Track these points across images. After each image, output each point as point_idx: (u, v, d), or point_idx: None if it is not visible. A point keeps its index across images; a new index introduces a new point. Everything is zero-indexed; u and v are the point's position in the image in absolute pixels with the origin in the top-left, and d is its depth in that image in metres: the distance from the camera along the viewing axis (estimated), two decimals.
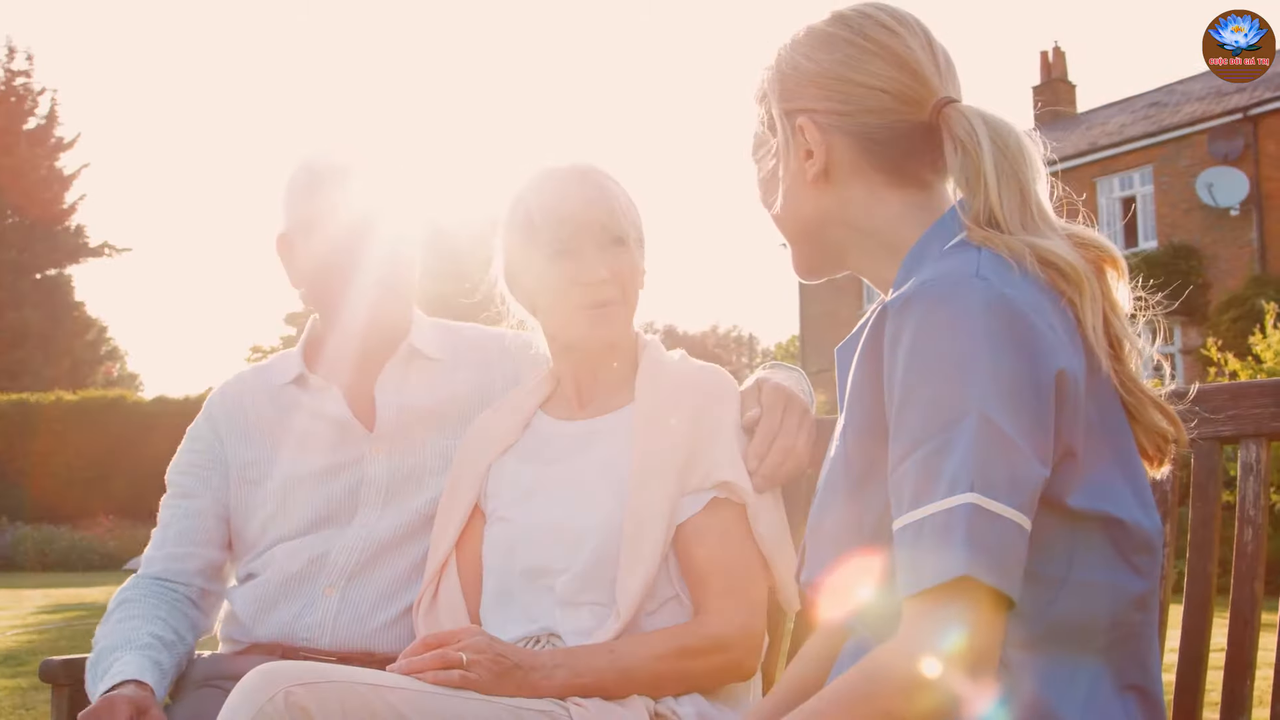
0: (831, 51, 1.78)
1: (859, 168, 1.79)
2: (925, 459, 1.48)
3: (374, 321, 2.70)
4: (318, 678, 1.90)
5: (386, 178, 2.75)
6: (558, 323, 2.43)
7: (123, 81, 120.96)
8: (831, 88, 1.77)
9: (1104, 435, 1.60)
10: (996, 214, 1.64)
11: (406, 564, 2.62)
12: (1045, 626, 1.56)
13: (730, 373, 2.48)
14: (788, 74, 1.82)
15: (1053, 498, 1.54)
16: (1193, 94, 29.38)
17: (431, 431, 2.70)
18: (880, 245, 1.80)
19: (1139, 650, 1.64)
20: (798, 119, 1.80)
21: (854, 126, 1.77)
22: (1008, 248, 1.60)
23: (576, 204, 2.36)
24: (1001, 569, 1.43)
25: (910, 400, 1.52)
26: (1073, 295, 1.60)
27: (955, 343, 1.50)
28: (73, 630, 11.25)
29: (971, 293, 1.52)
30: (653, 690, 2.18)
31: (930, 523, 1.46)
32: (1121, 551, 1.60)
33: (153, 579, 2.69)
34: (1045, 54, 36.23)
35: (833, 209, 1.82)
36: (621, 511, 2.28)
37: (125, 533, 25.49)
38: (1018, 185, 1.65)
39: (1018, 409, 1.48)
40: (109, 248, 43.24)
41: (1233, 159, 26.25)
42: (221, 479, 2.74)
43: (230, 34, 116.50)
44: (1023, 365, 1.49)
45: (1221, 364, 12.32)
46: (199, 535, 2.73)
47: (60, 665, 2.68)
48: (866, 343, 1.63)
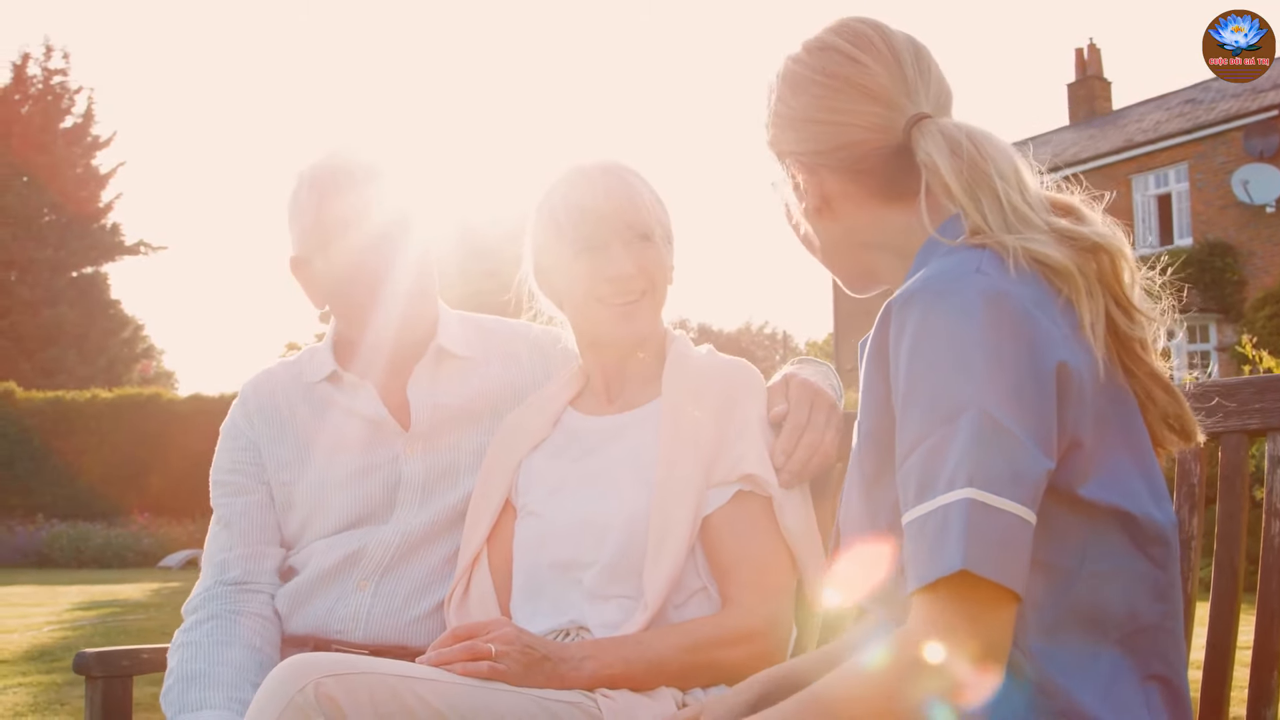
0: (800, 95, 1.83)
1: (853, 196, 1.83)
2: (927, 454, 1.51)
3: (402, 327, 2.68)
4: (347, 669, 1.92)
5: (394, 178, 2.67)
6: (584, 319, 2.45)
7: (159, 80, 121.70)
8: (806, 130, 1.82)
9: (1116, 429, 1.62)
10: (976, 222, 1.66)
11: (439, 559, 2.62)
12: (1062, 615, 1.58)
13: (762, 370, 2.49)
14: (771, 120, 1.88)
15: (1063, 488, 1.56)
16: (1228, 91, 29.18)
17: (465, 428, 2.71)
18: (896, 256, 1.84)
19: (1160, 641, 1.65)
20: (787, 160, 1.86)
21: (835, 162, 1.81)
22: (1003, 246, 1.62)
23: (601, 201, 2.38)
24: (1001, 563, 1.45)
25: (913, 396, 1.54)
26: (1068, 292, 1.61)
27: (955, 338, 1.52)
28: (107, 627, 11.32)
29: (971, 288, 1.55)
30: (680, 682, 2.19)
31: (932, 518, 1.48)
32: (1136, 542, 1.61)
33: (235, 586, 2.64)
34: (1080, 51, 36.10)
35: (842, 235, 1.88)
36: (648, 504, 2.29)
37: (160, 530, 25.67)
38: (989, 191, 1.67)
39: (1018, 402, 1.49)
40: (145, 246, 43.51)
41: (1268, 156, 26.07)
42: (265, 474, 2.72)
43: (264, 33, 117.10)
44: (1023, 359, 1.51)
45: (1257, 361, 12.23)
46: (266, 532, 2.70)
47: (94, 657, 2.69)
48: (873, 341, 1.66)
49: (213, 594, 2.62)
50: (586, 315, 2.43)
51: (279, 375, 2.82)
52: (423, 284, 2.70)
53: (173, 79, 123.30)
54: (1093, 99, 35.17)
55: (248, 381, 2.85)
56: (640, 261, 2.39)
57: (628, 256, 2.37)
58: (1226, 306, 26.49)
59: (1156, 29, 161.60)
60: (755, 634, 2.23)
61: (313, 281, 2.71)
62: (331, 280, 2.67)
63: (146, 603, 14.67)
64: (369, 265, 2.62)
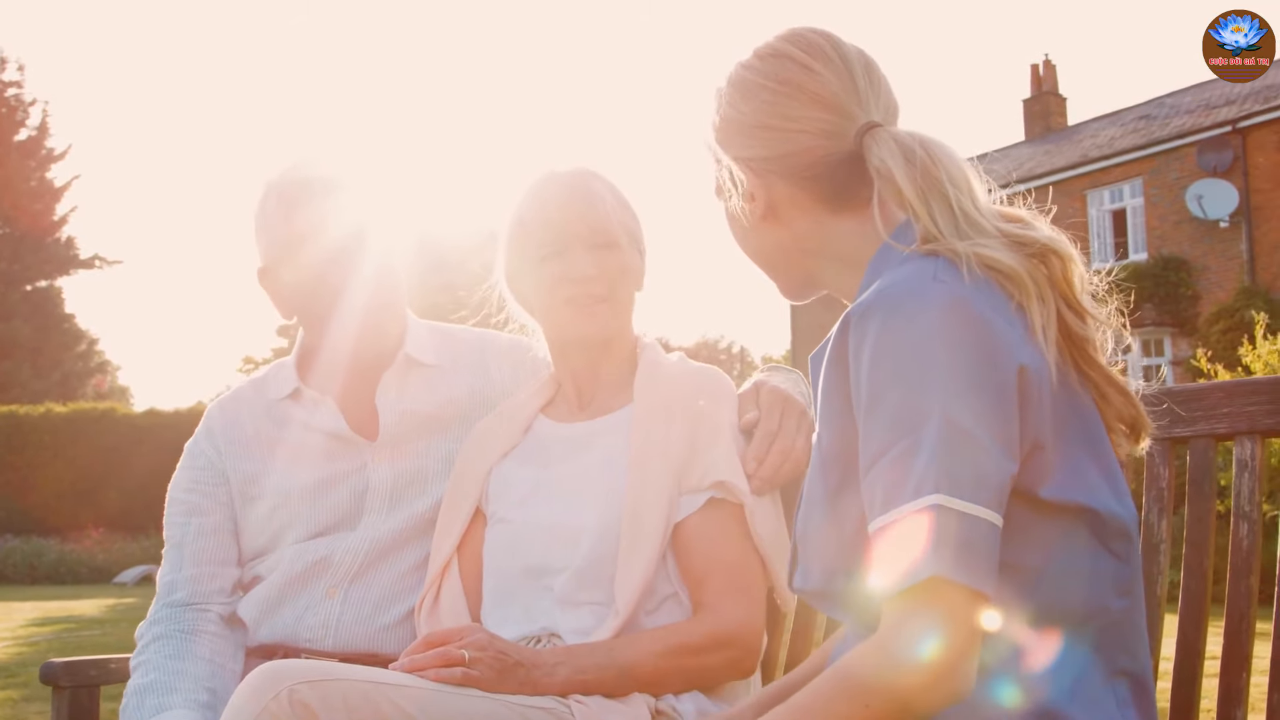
0: (750, 100, 1.83)
1: (800, 203, 1.84)
2: (892, 463, 1.52)
3: (367, 336, 2.68)
4: (321, 675, 1.91)
5: (362, 189, 2.67)
6: (550, 321, 2.47)
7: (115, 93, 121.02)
8: (756, 135, 1.83)
9: (1075, 428, 1.63)
10: (929, 228, 1.68)
11: (408, 566, 2.62)
12: (1029, 616, 1.59)
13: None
14: (719, 125, 1.88)
15: (1024, 490, 1.57)
16: (1182, 107, 29.51)
17: (433, 435, 2.71)
18: (842, 265, 1.86)
19: (1125, 635, 1.67)
20: (735, 166, 1.86)
21: (784, 169, 1.82)
22: (954, 253, 1.64)
23: (565, 209, 2.40)
24: (971, 566, 1.46)
25: (875, 405, 1.55)
26: (1020, 297, 1.62)
27: (916, 346, 1.53)
28: (63, 643, 11.24)
29: (929, 296, 1.56)
30: (654, 688, 2.19)
31: (900, 526, 1.49)
32: (1099, 538, 1.63)
33: (182, 607, 2.64)
34: (1036, 67, 36.42)
35: (787, 241, 1.88)
36: (619, 511, 2.30)
37: (115, 545, 25.47)
38: (941, 198, 1.68)
39: (981, 407, 1.51)
40: (100, 260, 43.17)
41: (1222, 171, 26.35)
42: (227, 494, 2.71)
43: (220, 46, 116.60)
44: (983, 364, 1.53)
45: (1211, 375, 12.37)
46: (218, 553, 2.69)
47: (62, 668, 2.67)
48: (832, 352, 1.66)
49: (160, 616, 2.63)
50: (552, 317, 2.46)
51: (244, 394, 2.82)
52: (388, 295, 2.70)
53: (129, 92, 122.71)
54: (1048, 115, 35.46)
55: (214, 402, 2.85)
56: (602, 265, 2.40)
57: (590, 260, 2.39)
58: (1181, 321, 26.73)
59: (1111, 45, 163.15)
60: (729, 640, 2.24)
61: (279, 292, 2.70)
62: (297, 291, 2.67)
63: (102, 619, 14.56)
64: (332, 276, 2.62)
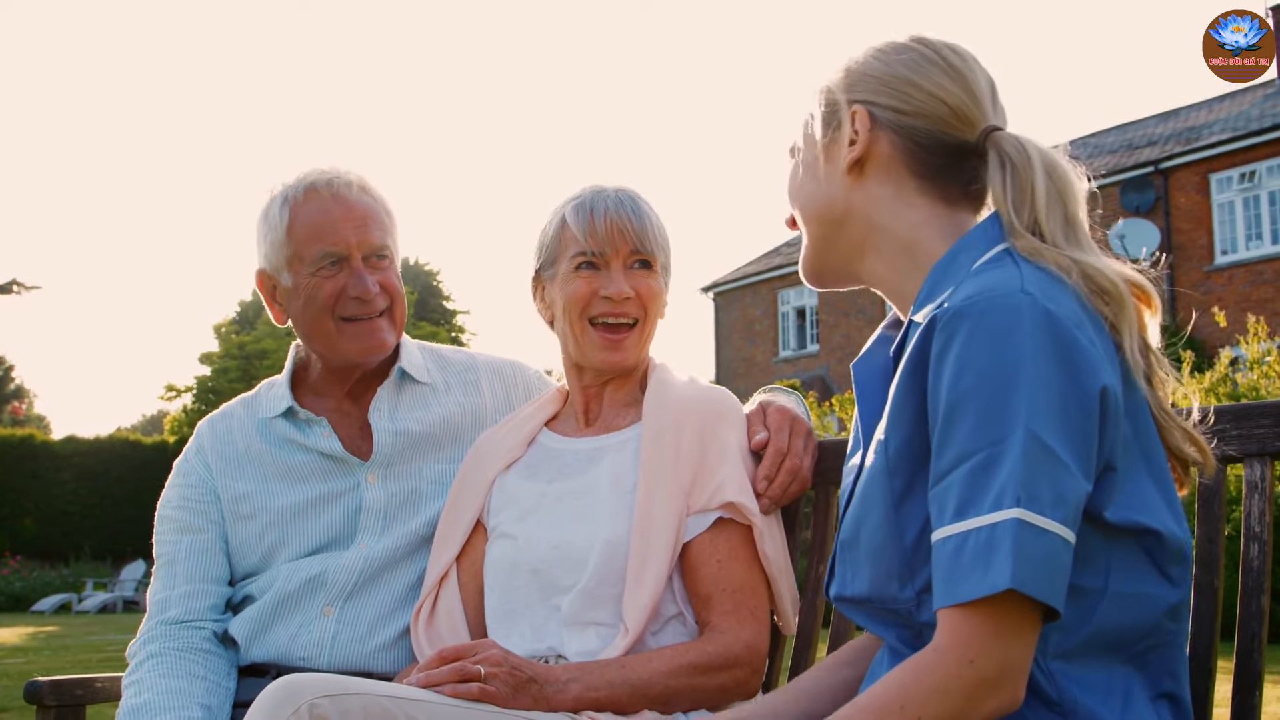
0: (903, 59, 1.86)
1: (894, 167, 1.85)
2: (971, 472, 1.52)
3: (367, 350, 2.66)
4: (340, 690, 1.89)
5: (370, 201, 2.66)
6: (573, 339, 2.46)
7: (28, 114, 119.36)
8: (895, 86, 1.85)
9: (1140, 449, 1.64)
10: (1043, 228, 1.70)
11: (404, 585, 2.60)
12: (1085, 637, 1.60)
13: None
14: (855, 70, 1.90)
15: (1093, 511, 1.57)
16: (1105, 146, 29.99)
17: (427, 455, 2.70)
18: (900, 250, 1.85)
19: (1170, 659, 1.68)
20: (854, 107, 1.86)
21: (904, 127, 1.84)
22: (1055, 262, 1.65)
23: (613, 220, 2.40)
24: (1047, 583, 1.47)
25: (957, 414, 1.55)
26: (1111, 315, 1.64)
27: (1003, 358, 1.53)
28: None
29: (1018, 308, 1.56)
30: (663, 706, 2.19)
31: (975, 536, 1.49)
32: (1157, 563, 1.64)
33: (176, 625, 2.60)
34: None
35: (859, 203, 1.88)
36: (627, 530, 2.30)
37: (32, 574, 25.03)
38: (1062, 206, 1.73)
39: (1064, 425, 1.51)
40: (18, 285, 42.39)
41: (1144, 211, 26.77)
42: (218, 512, 2.69)
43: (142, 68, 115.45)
44: (1069, 382, 1.53)
45: None
46: (211, 570, 2.66)
47: (47, 686, 2.63)
48: (911, 357, 1.65)
49: (154, 634, 2.59)
50: (576, 336, 2.44)
51: (235, 412, 2.81)
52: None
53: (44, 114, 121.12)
54: None
55: (204, 420, 2.84)
56: (638, 286, 2.41)
57: (626, 279, 2.40)
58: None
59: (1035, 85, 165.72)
60: (737, 660, 2.24)
61: (279, 296, 2.69)
62: (295, 297, 2.64)
63: (24, 647, 14.29)
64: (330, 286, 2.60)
